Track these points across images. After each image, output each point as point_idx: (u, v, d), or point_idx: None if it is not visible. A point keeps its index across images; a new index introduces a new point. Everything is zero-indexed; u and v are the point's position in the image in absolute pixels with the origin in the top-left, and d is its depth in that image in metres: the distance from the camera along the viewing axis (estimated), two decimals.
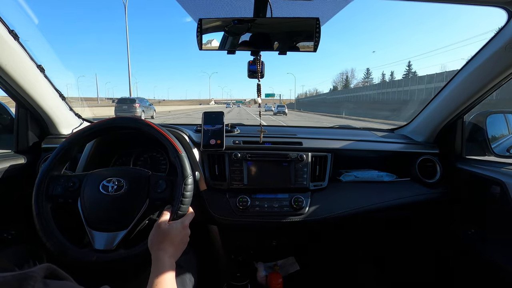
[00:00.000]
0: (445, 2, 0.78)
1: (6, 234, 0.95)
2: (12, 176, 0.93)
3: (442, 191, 1.09)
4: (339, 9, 0.84)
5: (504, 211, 0.90)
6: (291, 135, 1.14)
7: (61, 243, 0.65)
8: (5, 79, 0.88)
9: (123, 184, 0.70)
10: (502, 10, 0.76)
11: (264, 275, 1.33)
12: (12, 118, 1.13)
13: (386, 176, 1.10)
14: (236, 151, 1.00)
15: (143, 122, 0.75)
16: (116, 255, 0.64)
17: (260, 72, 0.83)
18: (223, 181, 0.99)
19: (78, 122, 1.23)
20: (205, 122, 1.00)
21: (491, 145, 1.06)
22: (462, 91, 1.00)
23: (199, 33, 0.75)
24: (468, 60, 0.94)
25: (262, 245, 1.35)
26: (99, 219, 0.68)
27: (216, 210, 0.96)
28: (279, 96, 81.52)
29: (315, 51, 0.77)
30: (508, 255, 0.88)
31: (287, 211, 0.96)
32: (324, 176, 1.05)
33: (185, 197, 0.67)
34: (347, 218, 1.00)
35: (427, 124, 1.19)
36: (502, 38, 0.81)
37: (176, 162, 0.71)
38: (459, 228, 1.09)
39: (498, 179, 0.90)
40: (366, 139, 1.18)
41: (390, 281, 1.34)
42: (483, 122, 1.07)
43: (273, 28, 0.78)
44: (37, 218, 0.66)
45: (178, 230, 0.63)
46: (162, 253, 0.59)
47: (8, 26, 0.82)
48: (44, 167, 0.71)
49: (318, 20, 0.72)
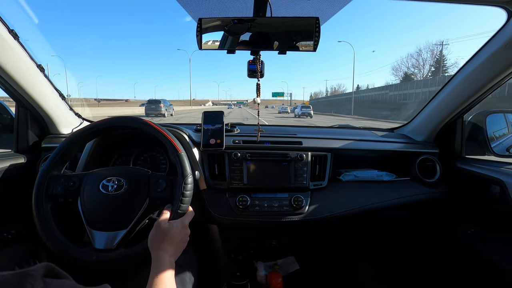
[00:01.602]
0: (445, 2, 0.78)
1: (6, 234, 0.95)
2: (12, 176, 0.93)
3: (441, 190, 1.09)
4: (338, 8, 0.84)
5: (504, 211, 0.90)
6: (291, 134, 1.14)
7: (61, 242, 0.65)
8: (5, 79, 0.88)
9: (123, 183, 0.70)
10: (502, 10, 0.76)
11: (264, 275, 1.34)
12: (12, 117, 1.13)
13: (385, 175, 1.10)
14: (236, 151, 1.00)
15: (143, 122, 0.75)
16: (116, 255, 0.64)
17: (260, 72, 0.83)
18: (223, 180, 0.99)
19: (78, 121, 1.23)
20: (205, 121, 1.00)
21: (491, 145, 1.06)
22: (462, 90, 1.00)
23: (199, 33, 0.75)
24: (468, 59, 0.94)
25: (262, 244, 1.35)
26: (99, 219, 0.68)
27: (216, 210, 0.96)
28: (289, 96, 70.64)
29: (315, 51, 0.77)
30: (508, 255, 0.88)
31: (286, 210, 0.97)
32: (324, 176, 1.05)
33: (185, 196, 0.67)
34: (346, 218, 1.00)
35: (427, 123, 1.19)
36: (502, 37, 0.81)
37: (176, 162, 0.71)
38: (459, 227, 1.09)
39: (498, 178, 0.90)
40: (365, 139, 1.19)
41: (390, 281, 1.34)
42: (483, 121, 1.08)
43: (273, 28, 0.78)
44: (37, 218, 0.66)
45: (178, 229, 0.63)
46: (162, 252, 0.59)
47: (8, 26, 0.82)
48: (44, 167, 0.71)
49: (317, 19, 0.73)
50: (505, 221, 0.92)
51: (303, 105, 23.34)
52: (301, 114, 21.64)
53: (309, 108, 22.26)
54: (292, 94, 66.07)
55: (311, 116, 21.35)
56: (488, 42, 0.85)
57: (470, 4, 0.76)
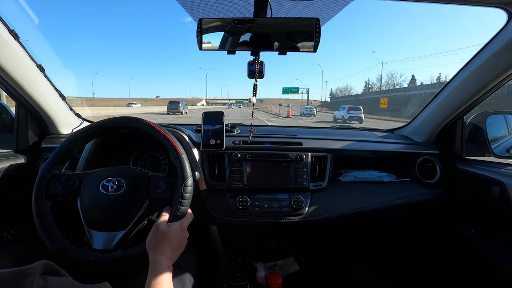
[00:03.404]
0: (445, 3, 0.78)
1: (6, 234, 0.95)
2: (12, 176, 0.93)
3: (442, 191, 1.09)
4: (339, 9, 0.84)
5: (504, 211, 0.90)
6: (291, 135, 1.14)
7: (60, 241, 0.65)
8: (5, 79, 0.88)
9: (123, 184, 0.70)
10: (502, 10, 0.76)
11: (263, 275, 1.33)
12: (12, 117, 1.13)
13: (386, 176, 1.10)
14: (236, 151, 1.00)
15: (144, 122, 0.75)
16: (114, 255, 0.64)
17: (259, 72, 0.83)
18: (223, 181, 0.99)
19: (78, 121, 1.23)
20: (205, 122, 1.00)
21: (491, 146, 1.06)
22: (462, 91, 1.00)
23: (199, 33, 0.75)
24: (468, 60, 0.94)
25: (262, 245, 1.35)
26: (98, 219, 0.67)
27: (216, 210, 0.96)
28: (307, 92, 46.20)
29: (315, 51, 0.77)
30: (508, 255, 0.88)
31: (286, 211, 0.96)
32: (324, 176, 1.05)
33: (185, 199, 0.67)
34: (346, 219, 1.00)
35: (427, 124, 1.19)
36: (502, 38, 0.81)
37: (176, 163, 0.71)
38: (459, 228, 1.09)
39: (498, 179, 0.90)
40: (366, 140, 1.18)
41: (390, 281, 1.34)
42: (483, 122, 1.07)
43: (273, 28, 0.78)
44: (36, 216, 0.66)
45: (177, 232, 0.63)
46: (160, 254, 0.58)
47: (8, 26, 0.82)
48: (45, 166, 0.71)
49: (318, 20, 0.72)
50: (505, 221, 0.92)
51: (353, 107, 16.95)
52: (348, 118, 15.89)
53: (359, 110, 16.10)
54: (309, 90, 46.59)
55: (361, 121, 15.68)
56: (489, 43, 0.85)
57: (470, 5, 0.77)
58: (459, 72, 0.99)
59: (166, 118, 14.74)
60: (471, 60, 0.93)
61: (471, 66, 0.93)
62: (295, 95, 49.11)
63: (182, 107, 21.61)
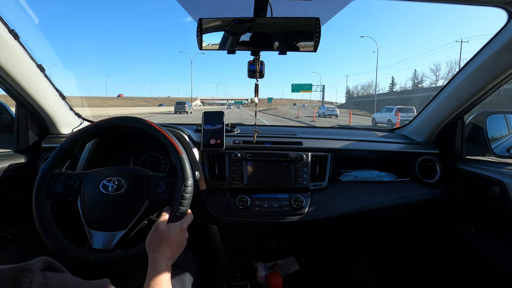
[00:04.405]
0: (445, 2, 0.78)
1: (6, 234, 0.95)
2: (12, 176, 0.93)
3: (442, 191, 1.09)
4: (339, 9, 0.84)
5: (504, 211, 0.90)
6: (291, 135, 1.14)
7: (60, 241, 0.65)
8: (5, 79, 0.88)
9: (123, 184, 0.70)
10: (502, 10, 0.76)
11: (264, 275, 1.33)
12: (12, 117, 1.13)
13: (386, 176, 1.10)
14: (236, 151, 1.00)
15: (144, 122, 0.75)
16: (113, 255, 0.64)
17: (259, 72, 0.83)
18: (223, 180, 0.99)
19: (78, 121, 1.23)
20: (205, 121, 1.00)
21: (491, 145, 1.06)
22: (462, 91, 1.00)
23: (199, 33, 0.75)
24: (468, 60, 0.94)
25: (262, 245, 1.35)
26: (98, 218, 0.68)
27: (216, 210, 0.96)
28: (322, 89, 37.55)
29: (315, 51, 0.77)
30: (508, 255, 0.88)
31: (287, 211, 0.96)
32: (324, 176, 1.05)
33: (185, 199, 0.67)
34: (347, 218, 1.00)
35: (427, 124, 1.19)
36: (502, 38, 0.81)
37: (177, 164, 0.71)
38: (459, 228, 1.09)
39: (498, 179, 0.90)
40: (366, 139, 1.18)
41: (390, 281, 1.34)
42: (483, 122, 1.08)
43: (273, 28, 0.78)
44: (36, 215, 0.66)
45: (176, 232, 0.63)
46: (159, 255, 0.58)
47: (8, 25, 0.82)
48: (46, 165, 0.71)
49: (318, 20, 0.72)
50: (505, 221, 0.92)
51: (402, 108, 13.65)
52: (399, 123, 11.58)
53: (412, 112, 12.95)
54: (325, 87, 35.16)
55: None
56: (489, 43, 0.85)
57: (470, 4, 0.76)
58: (459, 72, 0.99)
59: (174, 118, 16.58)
60: (471, 60, 0.93)
61: (471, 65, 0.93)
62: (307, 93, 41.69)
63: (188, 107, 25.58)
